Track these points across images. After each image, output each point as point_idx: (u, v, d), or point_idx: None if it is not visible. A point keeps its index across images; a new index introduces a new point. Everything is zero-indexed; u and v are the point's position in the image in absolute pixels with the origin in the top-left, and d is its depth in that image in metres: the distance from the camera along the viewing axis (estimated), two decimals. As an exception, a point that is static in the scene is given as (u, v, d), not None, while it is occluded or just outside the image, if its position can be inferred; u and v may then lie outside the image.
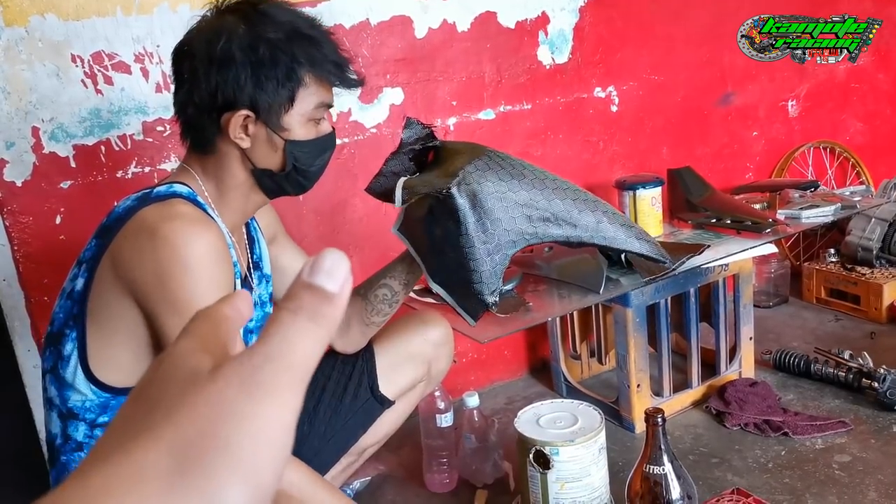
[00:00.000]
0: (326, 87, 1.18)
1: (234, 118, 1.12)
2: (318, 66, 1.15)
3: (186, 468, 0.26)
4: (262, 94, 1.12)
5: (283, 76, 1.12)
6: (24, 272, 1.62)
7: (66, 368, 1.14)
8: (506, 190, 1.18)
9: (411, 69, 2.00)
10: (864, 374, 1.96)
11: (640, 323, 1.90)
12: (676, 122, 2.49)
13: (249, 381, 0.28)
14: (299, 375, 0.29)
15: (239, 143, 1.14)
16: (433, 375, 1.55)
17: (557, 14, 2.18)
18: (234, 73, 1.10)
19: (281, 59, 1.11)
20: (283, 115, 1.14)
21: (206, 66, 1.11)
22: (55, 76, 1.59)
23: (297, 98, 1.14)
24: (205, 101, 1.12)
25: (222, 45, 1.11)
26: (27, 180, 1.60)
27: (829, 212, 2.11)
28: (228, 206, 1.21)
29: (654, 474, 1.28)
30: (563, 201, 1.21)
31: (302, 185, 1.23)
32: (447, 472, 1.77)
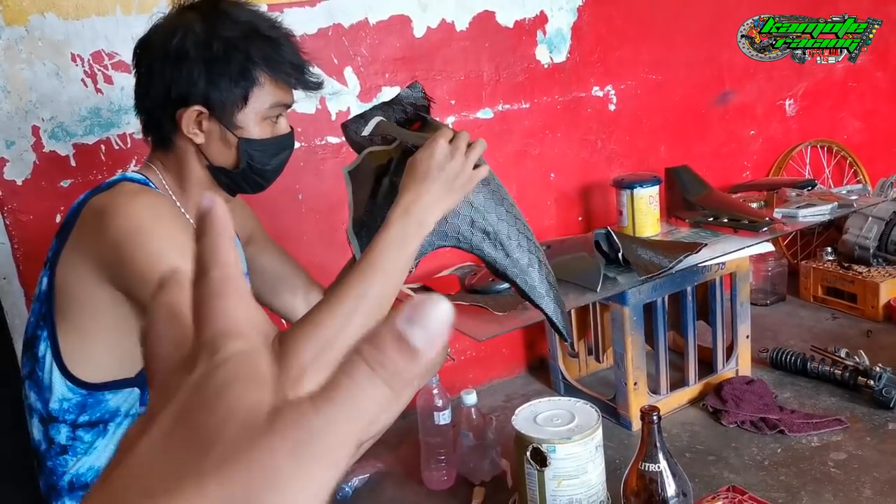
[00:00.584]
0: (284, 87, 1.18)
1: (186, 114, 1.13)
2: (274, 67, 1.15)
3: None
4: (215, 90, 1.12)
5: (237, 74, 1.12)
6: (25, 271, 1.63)
7: (42, 370, 1.14)
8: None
9: (410, 68, 2.00)
10: (861, 373, 1.97)
11: (637, 321, 1.91)
12: (674, 121, 2.50)
13: (304, 448, 0.25)
14: (353, 445, 0.26)
15: (193, 139, 1.15)
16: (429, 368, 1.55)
17: (556, 13, 2.19)
18: (188, 69, 1.11)
19: (235, 58, 1.12)
20: (236, 112, 1.14)
21: (161, 61, 1.13)
22: (55, 75, 1.60)
23: (251, 97, 1.14)
24: (160, 96, 1.13)
25: (177, 41, 1.12)
26: (27, 179, 1.61)
27: (826, 210, 2.12)
28: (190, 199, 1.21)
29: (650, 472, 1.29)
30: (510, 228, 1.20)
31: (258, 184, 1.22)
32: (445, 469, 1.78)
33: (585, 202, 2.38)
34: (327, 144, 1.92)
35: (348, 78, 1.93)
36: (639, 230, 2.09)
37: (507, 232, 1.19)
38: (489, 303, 1.77)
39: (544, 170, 2.27)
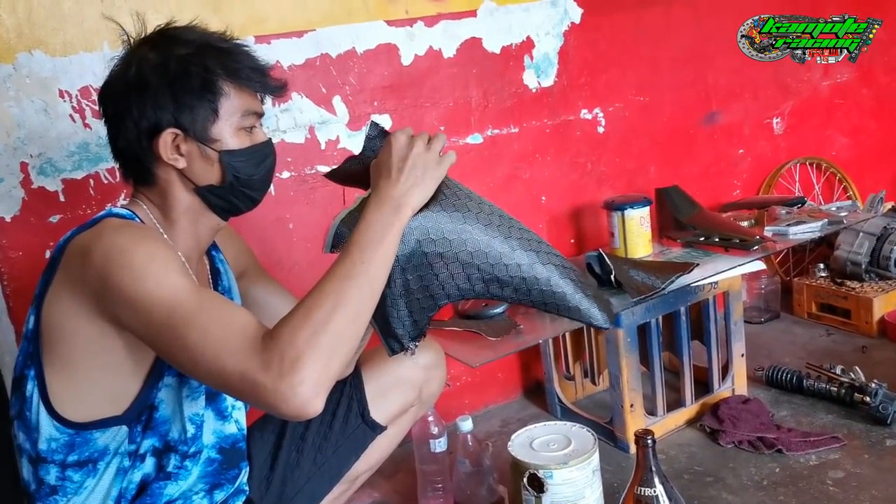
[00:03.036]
0: (249, 94, 1.17)
1: (162, 139, 1.11)
2: (235, 74, 1.14)
3: None
4: (183, 109, 1.11)
5: (199, 88, 1.12)
6: (14, 307, 1.62)
7: (30, 410, 1.12)
8: (450, 248, 1.14)
9: (398, 96, 2.01)
10: (857, 389, 1.97)
11: (631, 343, 1.90)
12: (663, 142, 2.51)
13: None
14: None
15: (175, 165, 1.13)
16: (425, 399, 1.54)
17: (542, 38, 2.21)
18: (152, 94, 1.10)
19: (193, 71, 1.11)
20: (210, 127, 1.13)
21: (124, 96, 1.12)
22: (43, 112, 1.60)
23: (219, 108, 1.13)
24: (131, 131, 1.13)
25: (133, 71, 1.12)
26: (16, 215, 1.60)
27: (817, 227, 2.13)
28: (179, 232, 1.19)
29: (646, 496, 1.28)
30: (508, 267, 1.16)
31: (249, 197, 1.20)
32: (442, 497, 1.76)
33: (577, 224, 2.38)
34: (317, 174, 1.93)
35: (337, 107, 1.93)
36: (631, 251, 2.09)
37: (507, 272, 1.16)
38: (482, 328, 1.76)
39: (535, 193, 2.27)
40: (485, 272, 1.15)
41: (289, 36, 1.85)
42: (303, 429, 1.42)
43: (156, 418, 1.15)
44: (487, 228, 1.15)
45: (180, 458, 1.18)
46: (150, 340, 1.01)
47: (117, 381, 1.10)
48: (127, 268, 1.00)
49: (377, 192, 1.08)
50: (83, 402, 1.10)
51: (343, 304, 0.98)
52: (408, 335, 1.18)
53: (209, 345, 0.95)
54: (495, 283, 1.17)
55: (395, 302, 1.15)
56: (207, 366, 0.95)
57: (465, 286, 1.16)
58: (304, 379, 0.91)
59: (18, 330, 1.63)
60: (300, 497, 1.39)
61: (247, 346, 0.93)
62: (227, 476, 1.26)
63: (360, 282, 1.01)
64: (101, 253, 1.02)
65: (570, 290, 1.18)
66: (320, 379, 0.93)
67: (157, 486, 1.17)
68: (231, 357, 0.94)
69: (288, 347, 0.92)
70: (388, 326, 1.17)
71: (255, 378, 0.91)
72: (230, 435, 1.26)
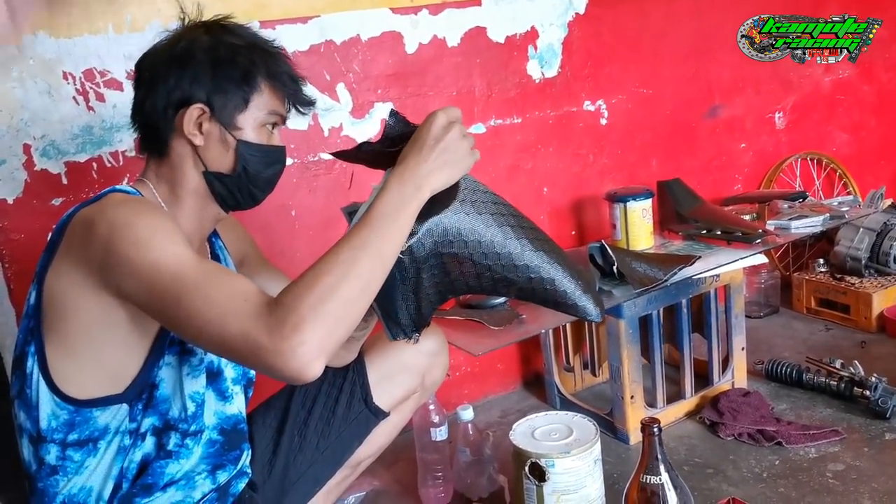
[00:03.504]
0: (280, 98, 1.20)
1: (188, 112, 1.13)
2: (275, 77, 1.18)
3: None
4: (218, 91, 1.14)
5: (240, 77, 1.14)
6: (16, 289, 1.62)
7: (30, 387, 1.12)
8: (463, 249, 1.15)
9: (402, 84, 2.01)
10: (856, 383, 1.97)
11: (632, 334, 1.90)
12: (665, 135, 2.51)
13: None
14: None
15: (192, 140, 1.15)
16: (427, 386, 1.54)
17: (546, 29, 2.20)
18: (193, 68, 1.13)
19: (240, 61, 1.15)
20: (237, 114, 1.16)
21: (165, 64, 1.14)
22: (47, 94, 1.59)
23: (251, 101, 1.16)
24: (162, 97, 1.14)
25: (182, 45, 1.15)
26: (19, 197, 1.59)
27: (818, 222, 2.13)
28: (183, 211, 1.20)
29: (651, 484, 1.28)
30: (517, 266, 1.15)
31: (251, 195, 1.22)
32: (442, 486, 1.76)
33: (578, 216, 2.38)
34: (320, 161, 1.92)
35: (340, 94, 1.93)
36: (632, 243, 2.09)
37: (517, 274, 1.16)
38: (484, 317, 1.76)
39: (537, 184, 2.27)
40: (495, 272, 1.16)
41: (293, 22, 1.84)
42: (306, 413, 1.42)
43: (156, 397, 1.15)
44: (501, 229, 1.15)
45: (181, 437, 1.18)
46: (154, 309, 1.01)
47: (119, 357, 1.10)
48: (131, 239, 1.00)
49: (405, 164, 1.07)
50: (84, 378, 1.10)
51: (353, 273, 0.97)
52: (412, 325, 1.19)
53: (213, 309, 0.95)
54: (503, 283, 1.18)
55: (406, 295, 1.16)
56: (211, 330, 0.95)
57: (475, 284, 1.17)
58: (306, 340, 0.90)
59: (19, 313, 1.62)
60: (302, 481, 1.39)
61: (251, 309, 0.93)
62: (229, 457, 1.26)
63: (372, 253, 1.00)
64: (105, 225, 1.03)
65: (572, 288, 1.19)
66: (322, 343, 0.92)
67: (157, 465, 1.17)
68: (234, 319, 0.93)
69: (292, 310, 0.92)
70: (393, 314, 1.17)
71: (258, 339, 0.91)
72: (231, 416, 1.26)
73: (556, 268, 1.18)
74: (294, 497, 1.41)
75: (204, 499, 1.23)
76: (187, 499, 1.20)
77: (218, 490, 1.25)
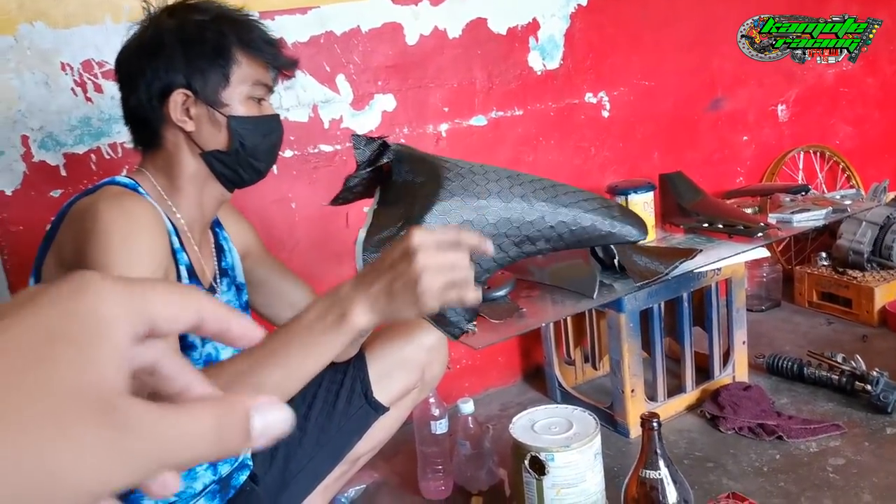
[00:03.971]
0: (260, 65, 1.18)
1: (172, 100, 1.13)
2: (249, 44, 1.16)
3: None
4: (195, 72, 1.13)
5: (213, 52, 1.13)
6: (14, 281, 1.61)
7: None
8: (474, 228, 1.12)
9: (403, 76, 2.00)
10: (857, 377, 1.97)
11: (633, 328, 1.90)
12: (667, 128, 2.49)
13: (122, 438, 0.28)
14: (149, 464, 0.28)
15: (183, 127, 1.15)
16: (427, 381, 1.54)
17: (548, 20, 2.19)
18: (165, 55, 1.12)
19: (209, 36, 1.13)
20: (220, 91, 1.15)
21: (138, 57, 1.14)
22: (44, 84, 1.58)
23: (231, 75, 1.15)
24: (143, 93, 1.14)
25: (150, 34, 1.14)
26: (17, 189, 1.59)
27: (821, 215, 2.12)
28: (183, 199, 1.20)
29: (650, 479, 1.28)
30: (533, 222, 1.16)
31: (254, 167, 1.21)
32: (442, 479, 1.76)
33: (579, 209, 2.37)
34: (320, 153, 1.91)
35: (340, 86, 1.91)
36: (634, 236, 2.08)
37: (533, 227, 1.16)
38: (485, 311, 1.75)
39: (538, 177, 2.26)
40: (513, 236, 1.15)
41: (292, 12, 1.83)
42: (306, 408, 1.41)
43: None
44: (500, 194, 1.15)
45: None
46: None
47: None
48: (102, 245, 1.01)
49: (343, 284, 0.91)
50: None
51: (254, 380, 0.90)
52: (463, 319, 1.18)
53: None
54: (527, 242, 1.17)
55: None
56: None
57: (500, 255, 1.16)
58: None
59: (18, 305, 1.62)
60: (303, 475, 1.39)
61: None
62: None
63: (281, 366, 0.90)
64: (89, 222, 1.03)
65: (600, 219, 1.20)
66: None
67: None
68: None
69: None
70: (443, 318, 1.18)
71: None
72: None
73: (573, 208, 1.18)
74: (294, 490, 1.41)
75: (205, 490, 1.23)
76: (189, 490, 1.20)
77: (219, 482, 1.25)
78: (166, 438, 0.27)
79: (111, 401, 0.26)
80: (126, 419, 0.26)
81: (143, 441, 0.27)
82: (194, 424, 0.28)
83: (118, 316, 0.29)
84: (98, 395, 0.26)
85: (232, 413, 0.29)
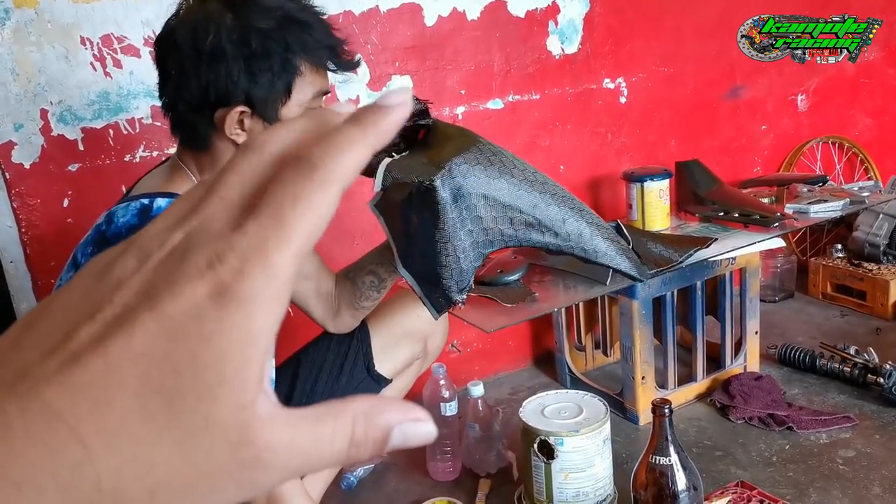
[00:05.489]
0: (322, 73, 1.14)
1: (229, 115, 1.07)
2: (313, 53, 1.10)
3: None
4: (257, 88, 1.07)
5: (279, 68, 1.07)
6: (32, 254, 1.62)
7: None
8: (493, 188, 1.11)
9: (420, 57, 1.99)
10: (870, 370, 1.96)
11: (645, 315, 1.90)
12: (685, 115, 2.48)
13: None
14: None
15: (236, 140, 1.10)
16: (429, 352, 1.55)
17: (568, 4, 2.17)
18: (227, 67, 1.05)
19: (274, 50, 1.06)
20: (280, 107, 1.10)
21: (194, 61, 1.06)
22: (64, 58, 1.58)
23: (294, 89, 1.10)
24: (195, 97, 1.08)
25: (211, 38, 1.05)
26: (35, 163, 1.60)
27: (838, 207, 2.10)
28: None
29: (660, 465, 1.28)
30: (548, 207, 1.14)
31: None
32: (451, 461, 1.77)
33: (594, 195, 2.36)
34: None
35: (358, 66, 1.91)
36: (648, 224, 2.08)
37: (547, 212, 1.16)
38: (497, 294, 1.75)
39: (554, 162, 2.25)
40: (527, 214, 1.15)
41: (313, -9, 1.82)
42: (312, 381, 1.43)
43: None
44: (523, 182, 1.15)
45: None
46: None
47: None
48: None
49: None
50: None
51: None
52: (455, 285, 1.15)
53: None
54: (536, 228, 1.17)
55: (443, 247, 1.13)
56: None
57: (509, 232, 1.15)
58: None
59: (35, 277, 1.64)
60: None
61: None
62: None
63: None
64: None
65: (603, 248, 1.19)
66: None
67: None
68: None
69: None
70: (434, 278, 1.15)
71: None
72: None
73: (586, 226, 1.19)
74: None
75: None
76: None
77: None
78: (291, 466, 0.25)
79: (246, 433, 0.24)
80: (256, 454, 0.24)
81: (265, 474, 0.25)
82: (326, 448, 0.26)
83: (268, 324, 0.24)
84: (236, 427, 0.24)
85: (372, 430, 0.26)
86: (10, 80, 1.54)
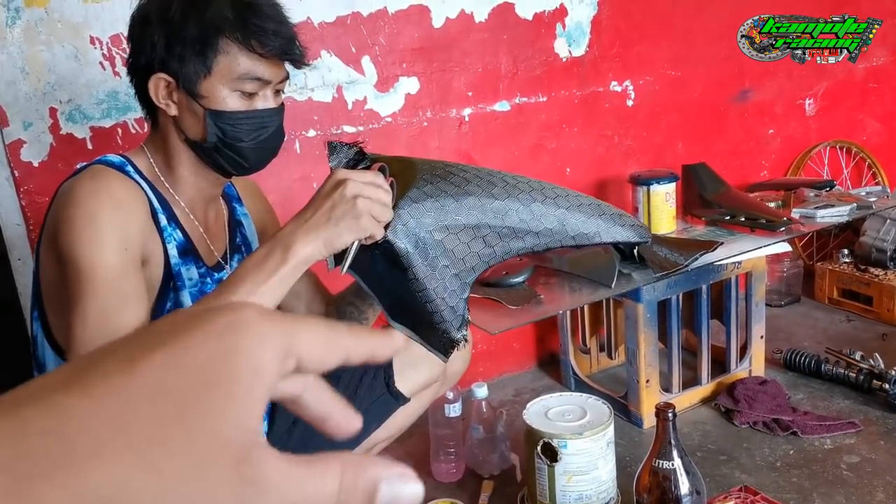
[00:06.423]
0: (257, 58, 1.08)
1: (153, 82, 1.08)
2: (244, 33, 1.06)
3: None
4: (172, 57, 1.06)
5: (195, 39, 1.05)
6: (39, 252, 1.63)
7: (38, 349, 1.14)
8: (450, 217, 1.08)
9: (428, 59, 1.99)
10: (875, 376, 1.95)
11: (650, 318, 1.89)
12: (692, 118, 2.47)
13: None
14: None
15: (166, 111, 1.10)
16: (449, 375, 1.55)
17: (576, 6, 2.17)
18: (150, 33, 1.07)
19: (192, 21, 1.04)
20: (199, 82, 1.07)
21: (131, 27, 1.10)
22: (73, 58, 1.59)
23: (213, 66, 1.06)
24: (131, 63, 1.11)
25: (142, 2, 1.08)
26: (44, 161, 1.60)
27: (845, 212, 2.10)
28: (179, 181, 1.17)
29: (663, 469, 1.28)
30: (518, 210, 1.12)
31: (238, 163, 1.13)
32: (454, 462, 1.77)
33: (601, 197, 2.32)
34: (343, 133, 1.91)
35: (365, 67, 1.91)
36: (654, 227, 2.07)
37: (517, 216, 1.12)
38: (502, 296, 1.75)
39: (560, 164, 2.25)
40: (496, 227, 1.12)
41: (321, -8, 1.83)
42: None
43: None
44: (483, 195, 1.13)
45: None
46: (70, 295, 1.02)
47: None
48: (70, 223, 1.02)
49: (286, 226, 1.02)
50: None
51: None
52: (450, 325, 1.12)
53: (87, 324, 0.98)
54: (511, 237, 1.14)
55: (424, 294, 1.10)
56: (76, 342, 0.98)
57: (486, 251, 1.12)
58: None
59: (42, 275, 1.65)
60: (319, 456, 1.41)
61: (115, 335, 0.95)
62: None
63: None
64: (62, 201, 1.05)
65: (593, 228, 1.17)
66: None
67: None
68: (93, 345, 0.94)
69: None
70: (428, 323, 1.12)
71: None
72: None
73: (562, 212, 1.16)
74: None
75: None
76: None
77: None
78: (286, 497, 0.26)
79: (248, 452, 0.26)
80: (255, 474, 0.26)
81: (262, 498, 0.26)
82: (318, 486, 0.27)
83: (271, 361, 0.27)
84: (240, 445, 0.26)
85: (361, 479, 0.28)
86: (20, 78, 1.55)
